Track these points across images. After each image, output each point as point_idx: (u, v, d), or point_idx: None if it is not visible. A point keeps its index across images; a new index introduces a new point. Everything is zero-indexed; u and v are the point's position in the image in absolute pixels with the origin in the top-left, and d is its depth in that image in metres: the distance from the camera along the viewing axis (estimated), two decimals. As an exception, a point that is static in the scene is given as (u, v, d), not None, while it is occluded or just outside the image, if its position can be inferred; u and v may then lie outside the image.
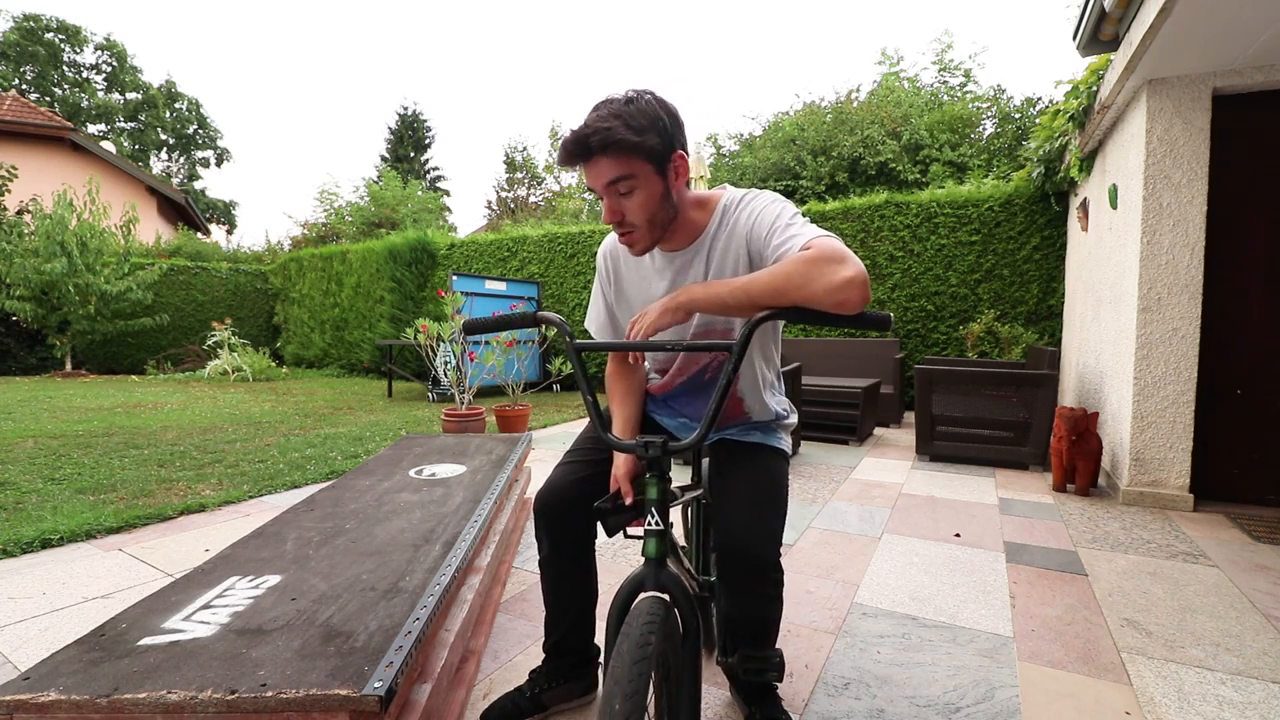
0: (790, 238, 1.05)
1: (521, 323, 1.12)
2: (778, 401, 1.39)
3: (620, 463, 1.21)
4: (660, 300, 1.08)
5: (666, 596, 0.89)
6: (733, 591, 1.20)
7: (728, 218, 1.17)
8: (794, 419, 1.42)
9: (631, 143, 1.03)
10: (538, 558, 1.37)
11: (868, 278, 0.94)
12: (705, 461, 1.62)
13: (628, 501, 1.10)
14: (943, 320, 6.30)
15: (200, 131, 27.70)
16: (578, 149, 1.05)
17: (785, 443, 1.38)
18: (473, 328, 1.14)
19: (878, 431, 5.30)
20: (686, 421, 1.40)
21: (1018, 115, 9.95)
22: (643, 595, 0.88)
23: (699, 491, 1.43)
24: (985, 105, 10.41)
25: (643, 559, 0.94)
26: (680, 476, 3.56)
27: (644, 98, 1.08)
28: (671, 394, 1.38)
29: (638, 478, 1.09)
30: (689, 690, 0.83)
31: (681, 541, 1.75)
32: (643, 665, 0.77)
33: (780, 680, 1.17)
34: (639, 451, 0.96)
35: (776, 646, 1.38)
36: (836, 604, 1.97)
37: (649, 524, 0.91)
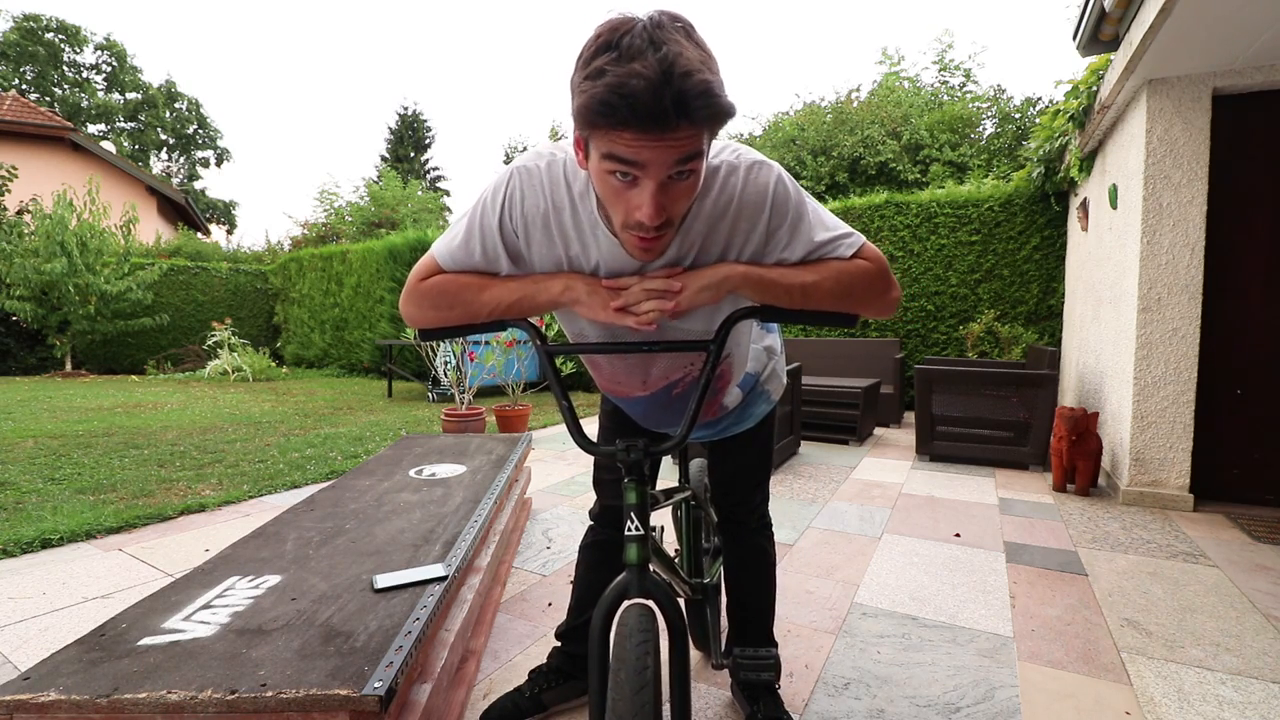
0: (838, 240, 0.93)
1: (485, 326, 0.98)
2: (755, 363, 1.24)
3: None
4: (691, 274, 0.89)
5: (651, 603, 0.87)
6: (731, 536, 1.41)
7: (718, 188, 0.90)
8: (777, 364, 1.29)
9: (731, 113, 0.73)
10: (581, 542, 1.45)
11: None
12: (693, 463, 1.62)
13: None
14: (943, 320, 6.30)
15: (200, 131, 27.68)
16: (675, 107, 0.67)
17: (774, 396, 1.31)
18: (430, 332, 0.99)
19: (878, 431, 5.30)
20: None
21: (1018, 115, 9.94)
22: (627, 603, 0.87)
23: (687, 493, 1.42)
24: (985, 105, 10.40)
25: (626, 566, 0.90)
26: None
27: (694, 30, 0.74)
28: (633, 401, 1.20)
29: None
30: (678, 694, 0.82)
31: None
32: (644, 694, 0.75)
33: (777, 680, 1.17)
34: (619, 456, 0.89)
35: (773, 648, 1.39)
36: (836, 604, 1.97)
37: (630, 529, 0.88)
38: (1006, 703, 1.45)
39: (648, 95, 0.66)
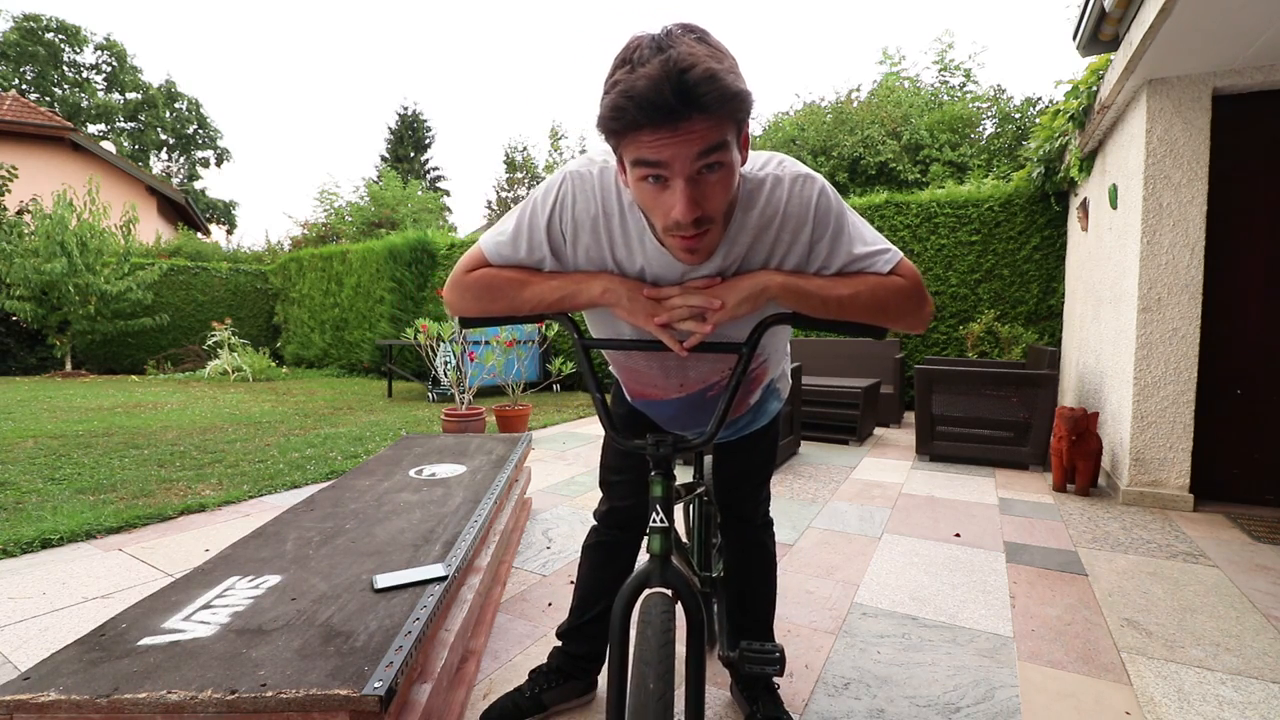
0: (876, 255, 0.94)
1: (525, 318, 1.02)
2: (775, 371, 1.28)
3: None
4: (730, 287, 0.90)
5: (671, 592, 0.89)
6: (734, 534, 1.40)
7: (764, 201, 0.91)
8: (787, 366, 1.33)
9: (744, 96, 0.74)
10: (585, 542, 1.44)
11: None
12: (706, 459, 1.64)
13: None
14: (943, 320, 6.30)
15: (200, 131, 27.67)
16: (677, 97, 0.69)
17: (783, 394, 1.33)
18: (471, 321, 1.03)
19: (878, 431, 5.30)
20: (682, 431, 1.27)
21: (1018, 115, 9.94)
22: (649, 591, 0.89)
23: (700, 489, 1.44)
24: (985, 105, 10.40)
25: (647, 556, 0.94)
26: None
27: (709, 35, 0.76)
28: (664, 404, 1.20)
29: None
30: (694, 682, 0.84)
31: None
32: (669, 648, 0.82)
33: (781, 674, 1.17)
34: (648, 450, 0.93)
35: (776, 641, 1.40)
36: (836, 604, 1.97)
37: (654, 521, 0.92)
38: (1006, 703, 1.45)
39: (651, 92, 0.69)
